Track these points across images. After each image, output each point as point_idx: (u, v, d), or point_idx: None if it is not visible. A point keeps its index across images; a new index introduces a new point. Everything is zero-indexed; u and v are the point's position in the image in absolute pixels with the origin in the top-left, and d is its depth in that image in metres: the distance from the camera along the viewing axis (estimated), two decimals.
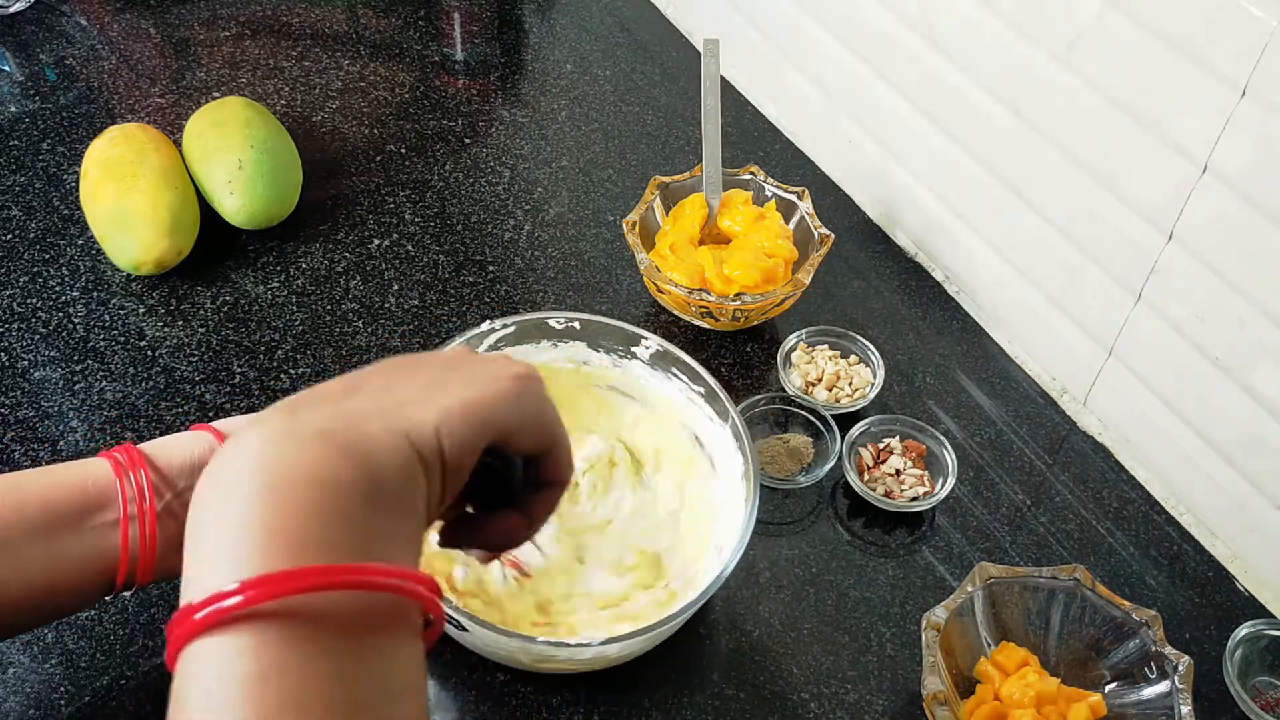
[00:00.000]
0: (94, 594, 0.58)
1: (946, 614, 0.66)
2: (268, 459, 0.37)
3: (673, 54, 1.16)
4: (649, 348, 0.75)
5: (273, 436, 0.38)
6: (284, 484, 0.36)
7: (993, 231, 0.88)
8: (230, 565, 0.35)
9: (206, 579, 0.35)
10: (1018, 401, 0.87)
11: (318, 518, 0.36)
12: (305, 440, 0.38)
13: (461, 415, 0.42)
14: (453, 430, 0.42)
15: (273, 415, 0.40)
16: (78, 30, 1.11)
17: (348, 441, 0.38)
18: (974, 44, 0.83)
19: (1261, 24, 0.63)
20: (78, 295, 0.87)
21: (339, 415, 0.40)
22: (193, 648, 0.35)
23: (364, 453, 0.39)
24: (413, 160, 1.01)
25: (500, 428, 0.44)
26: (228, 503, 0.37)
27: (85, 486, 0.56)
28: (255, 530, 0.36)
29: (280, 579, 0.34)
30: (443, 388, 0.43)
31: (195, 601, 0.35)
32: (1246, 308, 0.70)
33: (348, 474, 0.38)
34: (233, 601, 0.34)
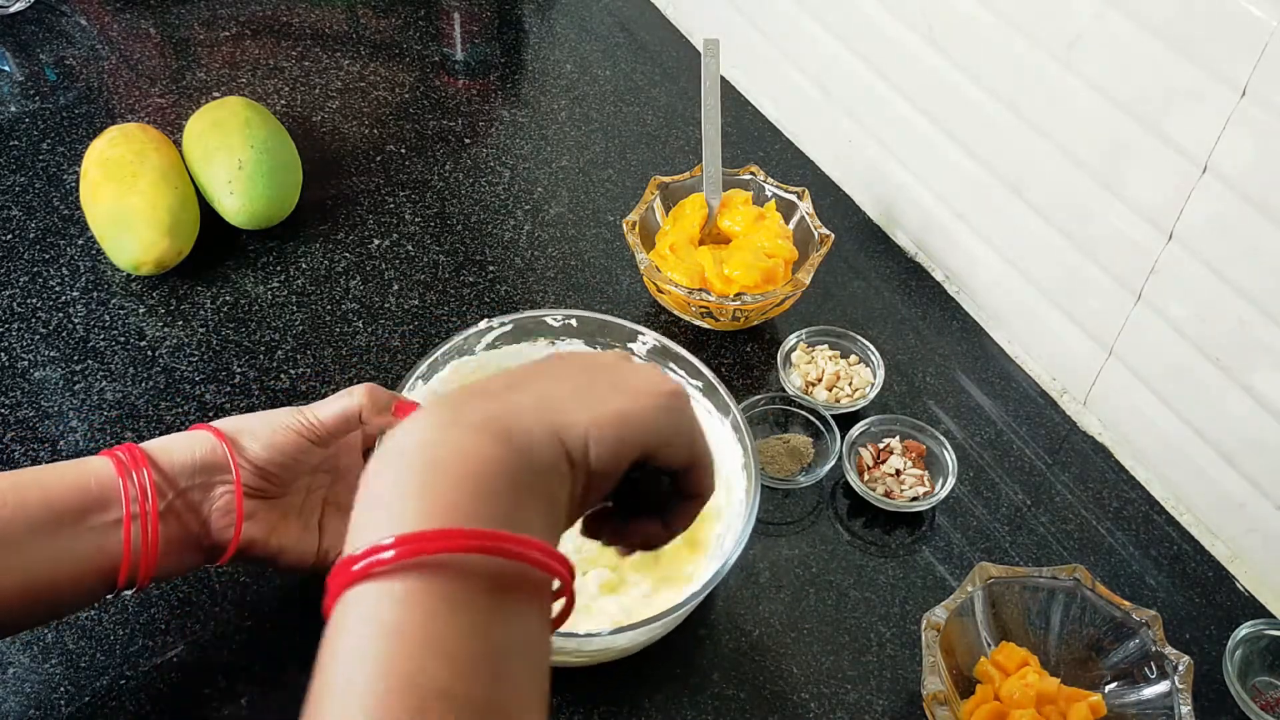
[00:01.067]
0: (95, 593, 0.58)
1: (946, 614, 0.66)
2: (431, 439, 0.41)
3: (673, 54, 1.16)
4: (646, 343, 0.75)
5: (438, 423, 0.42)
6: (444, 461, 0.40)
7: (993, 231, 0.88)
8: (389, 524, 0.38)
9: (367, 534, 0.39)
10: (1018, 401, 0.87)
11: (470, 491, 0.40)
12: (467, 427, 0.42)
13: (613, 426, 0.45)
14: (602, 438, 0.44)
15: (439, 406, 0.43)
16: (78, 30, 1.11)
17: (504, 429, 0.42)
18: (974, 44, 0.83)
19: (1261, 24, 0.63)
20: (78, 295, 0.87)
21: (498, 408, 0.43)
22: (348, 594, 0.38)
23: (518, 442, 0.42)
24: (413, 160, 1.01)
25: (648, 442, 0.47)
26: (390, 476, 0.40)
27: (88, 485, 0.57)
28: (413, 496, 0.39)
29: (431, 537, 0.38)
30: (598, 396, 0.46)
31: (357, 552, 0.38)
32: (1246, 308, 0.70)
33: (501, 456, 0.41)
34: (388, 555, 0.37)
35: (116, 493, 0.57)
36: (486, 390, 0.45)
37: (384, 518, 0.39)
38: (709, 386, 0.73)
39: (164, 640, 0.68)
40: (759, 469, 0.69)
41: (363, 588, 0.38)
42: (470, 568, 0.38)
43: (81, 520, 0.56)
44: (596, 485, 0.45)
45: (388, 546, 0.38)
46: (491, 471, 0.40)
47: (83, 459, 0.58)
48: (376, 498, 0.41)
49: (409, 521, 0.38)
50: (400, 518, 0.39)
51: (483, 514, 0.39)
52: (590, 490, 0.45)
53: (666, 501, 0.51)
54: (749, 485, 0.68)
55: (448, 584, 0.38)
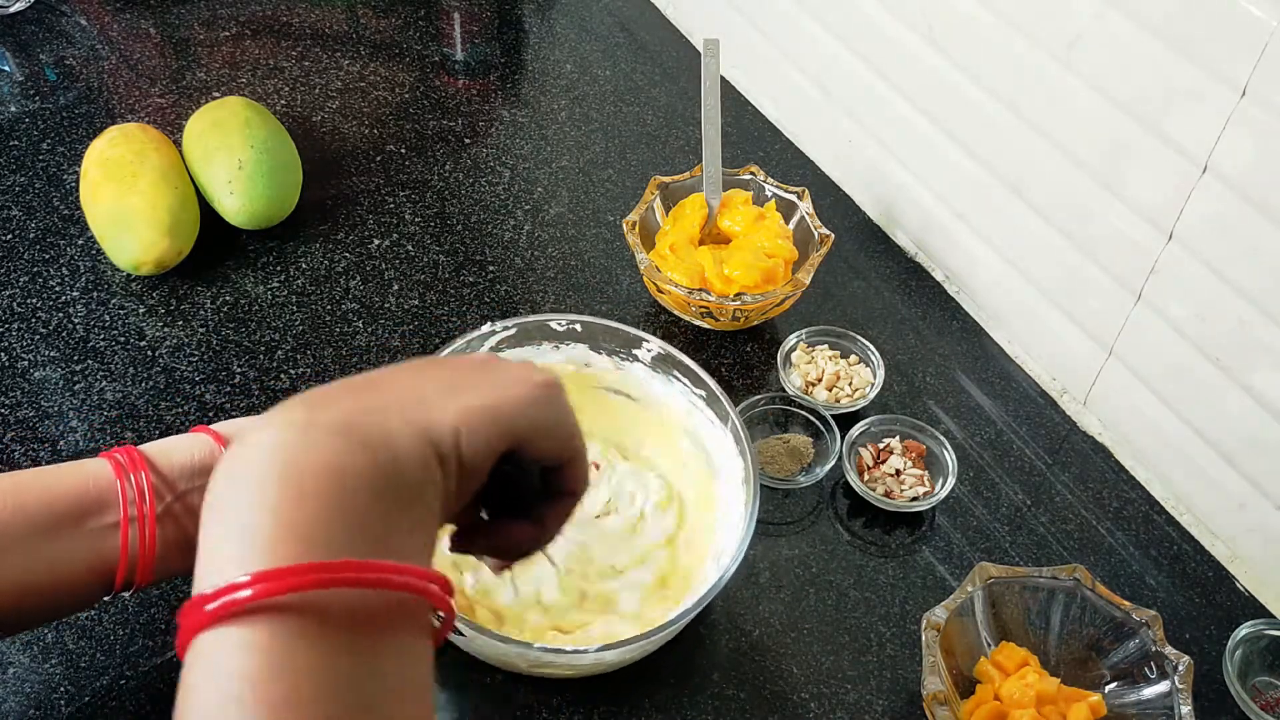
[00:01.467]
0: (93, 595, 0.58)
1: (946, 614, 0.66)
2: (285, 450, 0.37)
3: (673, 54, 1.16)
4: (650, 350, 0.75)
5: (291, 427, 0.38)
6: (300, 475, 0.36)
7: (993, 231, 0.88)
8: (243, 556, 0.35)
9: (220, 569, 0.35)
10: (1018, 401, 0.87)
11: (333, 511, 0.36)
12: (323, 432, 0.38)
13: (482, 416, 0.42)
14: (472, 430, 0.42)
15: (292, 407, 0.40)
16: (78, 30, 1.11)
17: (366, 435, 0.38)
18: (974, 44, 0.83)
19: (1261, 24, 0.63)
20: (78, 295, 0.87)
21: (358, 409, 0.40)
22: (203, 638, 0.35)
23: (382, 446, 0.39)
24: (413, 160, 1.01)
25: (520, 433, 0.44)
26: (244, 493, 0.36)
27: (86, 487, 0.56)
28: (269, 522, 0.35)
29: (292, 573, 0.34)
30: (465, 389, 0.44)
31: (207, 592, 0.34)
32: (1246, 308, 0.70)
33: (365, 466, 0.37)
34: (244, 595, 0.34)
35: (115, 495, 0.57)
36: (345, 387, 0.42)
37: (236, 547, 0.35)
38: (711, 396, 0.73)
39: (164, 640, 0.68)
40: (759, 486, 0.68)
41: (216, 633, 0.34)
42: (339, 604, 0.35)
43: (80, 522, 0.56)
44: (468, 481, 0.43)
45: (243, 585, 0.34)
46: (354, 484, 0.37)
47: (81, 461, 0.58)
48: (227, 520, 0.37)
49: (265, 552, 0.35)
50: (255, 547, 0.35)
51: (347, 537, 0.36)
52: (464, 483, 0.42)
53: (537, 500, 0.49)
54: (748, 498, 0.67)
55: (313, 625, 0.34)
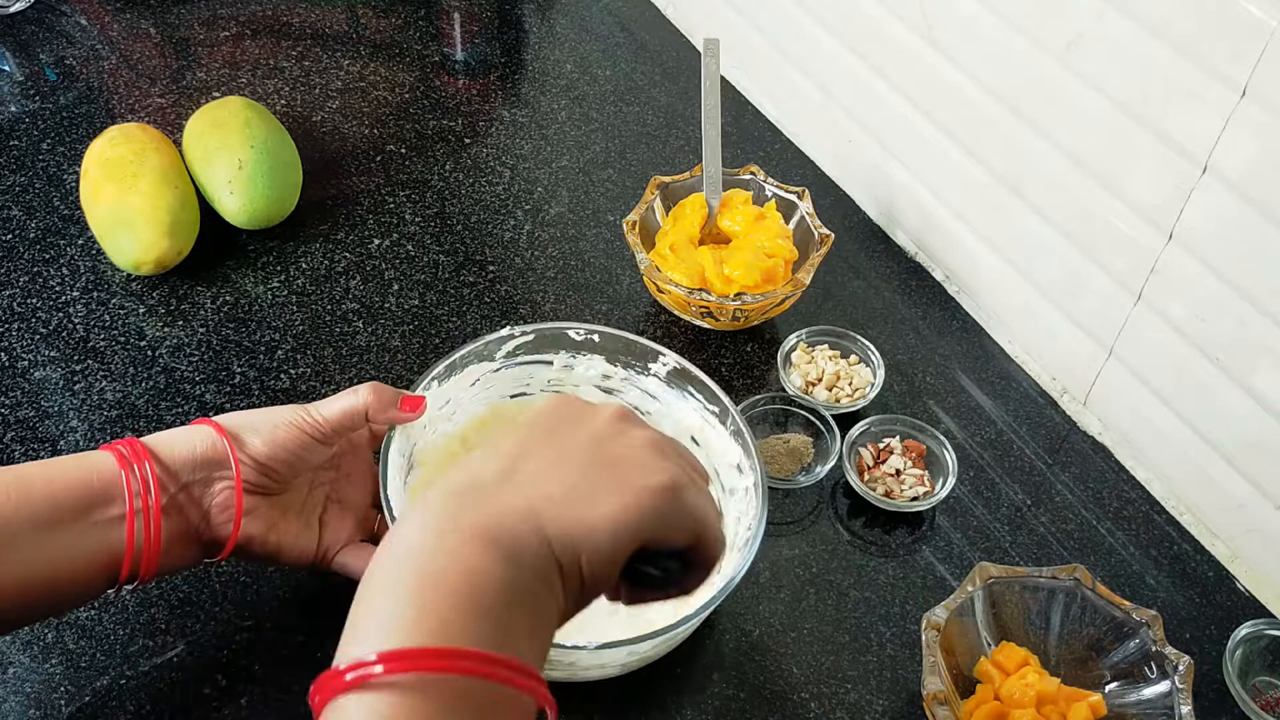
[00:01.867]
0: (97, 588, 0.58)
1: (946, 614, 0.66)
2: (427, 547, 0.42)
3: (673, 54, 1.16)
4: (666, 364, 0.75)
5: (434, 529, 0.43)
6: (437, 573, 0.41)
7: (993, 231, 0.88)
8: (381, 636, 0.40)
9: (360, 643, 0.40)
10: (1018, 401, 0.87)
11: (462, 609, 0.41)
12: (465, 536, 0.43)
13: (605, 535, 0.45)
14: (595, 551, 0.45)
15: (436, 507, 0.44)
16: (78, 30, 1.11)
17: (500, 542, 0.43)
18: (974, 44, 0.83)
19: (1261, 24, 0.63)
20: (78, 295, 0.87)
21: (496, 512, 0.44)
22: (337, 702, 0.39)
23: (513, 555, 0.43)
24: (413, 160, 1.01)
25: (644, 540, 0.47)
26: (389, 581, 0.42)
27: (90, 480, 0.57)
28: (406, 610, 0.40)
29: (419, 655, 0.39)
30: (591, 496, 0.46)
31: (345, 664, 0.39)
32: (1246, 308, 0.70)
33: (494, 572, 0.42)
34: (377, 670, 0.39)
35: (119, 487, 0.57)
36: (479, 483, 0.46)
37: (376, 628, 0.40)
38: (724, 412, 0.72)
39: (164, 640, 0.68)
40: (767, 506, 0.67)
41: (350, 699, 0.39)
42: (454, 688, 0.39)
43: (84, 515, 0.56)
44: (590, 589, 0.46)
45: (376, 661, 0.39)
46: (483, 587, 0.41)
47: (85, 454, 0.58)
48: (371, 606, 0.42)
49: (399, 636, 0.40)
50: (391, 631, 0.40)
51: (471, 631, 0.40)
52: (584, 594, 0.46)
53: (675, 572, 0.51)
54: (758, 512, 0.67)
55: (431, 703, 0.39)
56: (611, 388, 0.78)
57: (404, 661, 0.39)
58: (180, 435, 0.61)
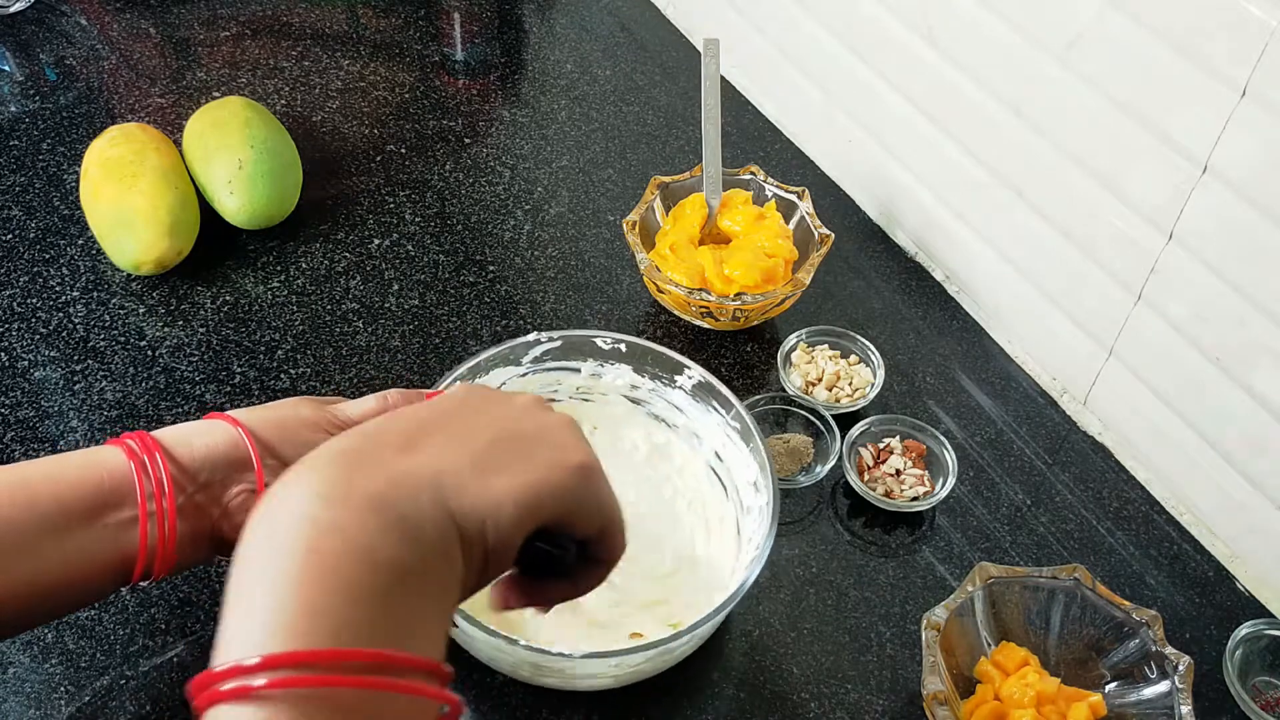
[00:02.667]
0: (107, 589, 0.56)
1: (946, 614, 0.66)
2: (318, 523, 0.38)
3: (673, 54, 1.16)
4: (692, 377, 0.74)
5: (327, 497, 0.39)
6: (330, 556, 0.37)
7: (993, 231, 0.88)
8: (264, 636, 0.36)
9: (240, 643, 0.36)
10: (1018, 401, 0.87)
11: (356, 598, 0.37)
12: (358, 507, 0.39)
13: (511, 506, 0.43)
14: (499, 523, 0.42)
15: (329, 467, 0.40)
16: (78, 30, 1.11)
17: (398, 514, 0.39)
18: (974, 44, 0.83)
19: (1261, 24, 0.63)
20: (78, 295, 0.87)
21: (394, 479, 0.40)
22: (217, 713, 0.36)
23: (412, 529, 0.39)
24: (413, 160, 1.01)
25: (551, 517, 0.45)
26: (272, 566, 0.37)
27: (100, 480, 0.54)
28: (293, 605, 0.36)
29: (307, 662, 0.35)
30: (499, 467, 0.44)
31: (224, 668, 0.36)
32: (1246, 308, 0.70)
33: (394, 552, 0.38)
34: (258, 682, 0.35)
35: (130, 487, 0.54)
36: (379, 446, 0.42)
37: (258, 622, 0.36)
38: (745, 430, 0.72)
39: (164, 640, 0.68)
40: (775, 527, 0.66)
41: (228, 710, 0.35)
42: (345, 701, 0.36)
43: (95, 518, 0.53)
44: (494, 563, 0.43)
45: (256, 669, 0.35)
46: (379, 570, 0.38)
47: (93, 450, 0.56)
48: (250, 594, 0.38)
49: (284, 634, 0.36)
50: (275, 628, 0.36)
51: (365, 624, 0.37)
52: (488, 567, 0.43)
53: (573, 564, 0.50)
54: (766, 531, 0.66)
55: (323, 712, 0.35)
56: (639, 398, 0.78)
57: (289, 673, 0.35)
58: (197, 431, 0.58)
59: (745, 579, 0.64)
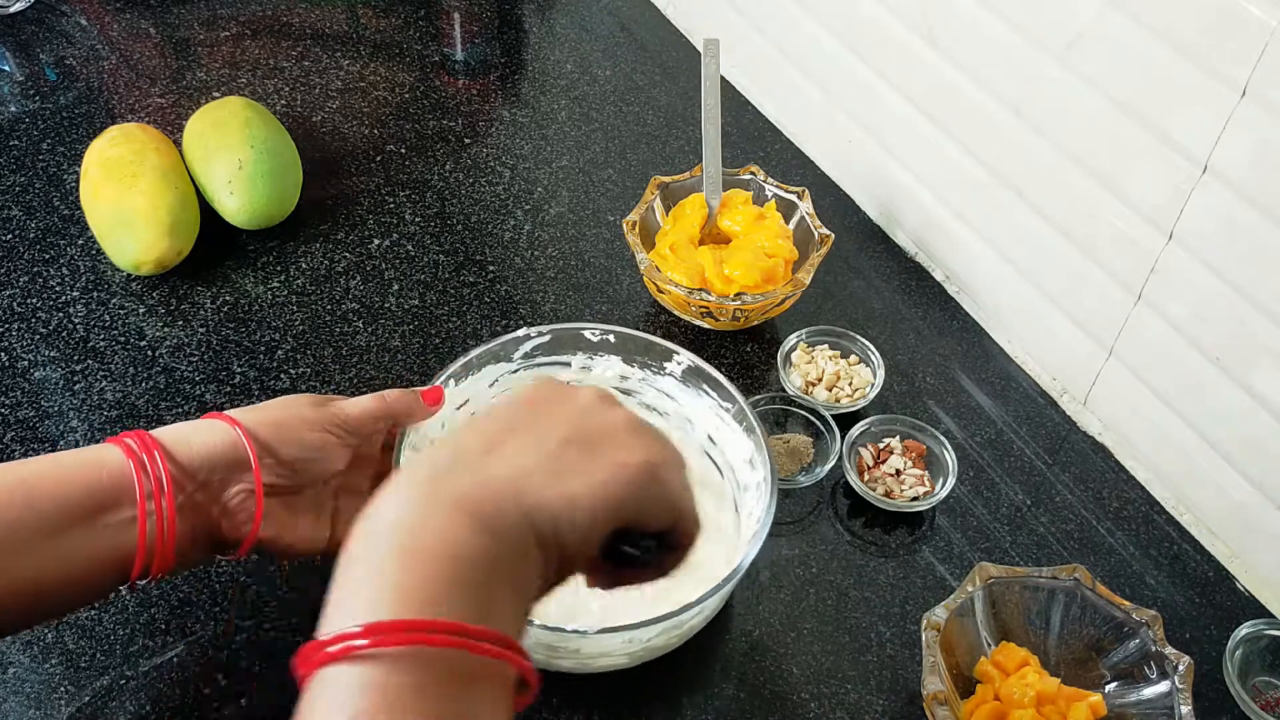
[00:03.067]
0: (106, 588, 0.56)
1: (946, 614, 0.66)
2: (409, 520, 0.42)
3: (673, 54, 1.16)
4: (681, 363, 0.75)
5: (416, 501, 0.43)
6: (420, 549, 0.42)
7: (993, 231, 0.88)
8: (365, 610, 0.40)
9: (344, 616, 0.40)
10: (1018, 401, 0.87)
11: (444, 582, 0.41)
12: (443, 508, 0.43)
13: (584, 509, 0.46)
14: (573, 522, 0.45)
15: (418, 479, 0.44)
16: (78, 30, 1.11)
17: (480, 514, 0.43)
18: (974, 44, 0.83)
19: (1261, 24, 0.63)
20: (78, 295, 0.87)
21: (478, 484, 0.45)
22: (322, 673, 0.40)
23: (493, 528, 0.43)
24: (413, 160, 1.01)
25: (622, 519, 0.47)
26: (372, 555, 0.42)
27: (99, 479, 0.54)
28: (390, 585, 0.41)
29: (402, 627, 0.39)
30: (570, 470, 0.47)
31: (330, 635, 0.39)
32: (1246, 308, 0.70)
33: (475, 545, 0.42)
34: (361, 644, 0.39)
35: (130, 487, 0.54)
36: (462, 457, 0.46)
37: (360, 602, 0.41)
38: (740, 413, 0.72)
39: (164, 640, 0.68)
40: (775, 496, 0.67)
41: (335, 669, 0.39)
42: (437, 660, 0.40)
43: (95, 518, 0.54)
44: (570, 562, 0.46)
45: (361, 634, 0.39)
46: (465, 559, 0.42)
47: (92, 448, 0.56)
48: (354, 580, 0.42)
49: (383, 609, 0.40)
50: (375, 604, 0.40)
51: (453, 603, 0.41)
52: (565, 566, 0.46)
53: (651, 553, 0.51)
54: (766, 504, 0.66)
55: (415, 674, 0.39)
56: (629, 388, 0.78)
57: (388, 634, 0.39)
58: (197, 430, 0.58)
59: (748, 553, 0.64)
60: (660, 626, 0.62)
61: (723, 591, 0.64)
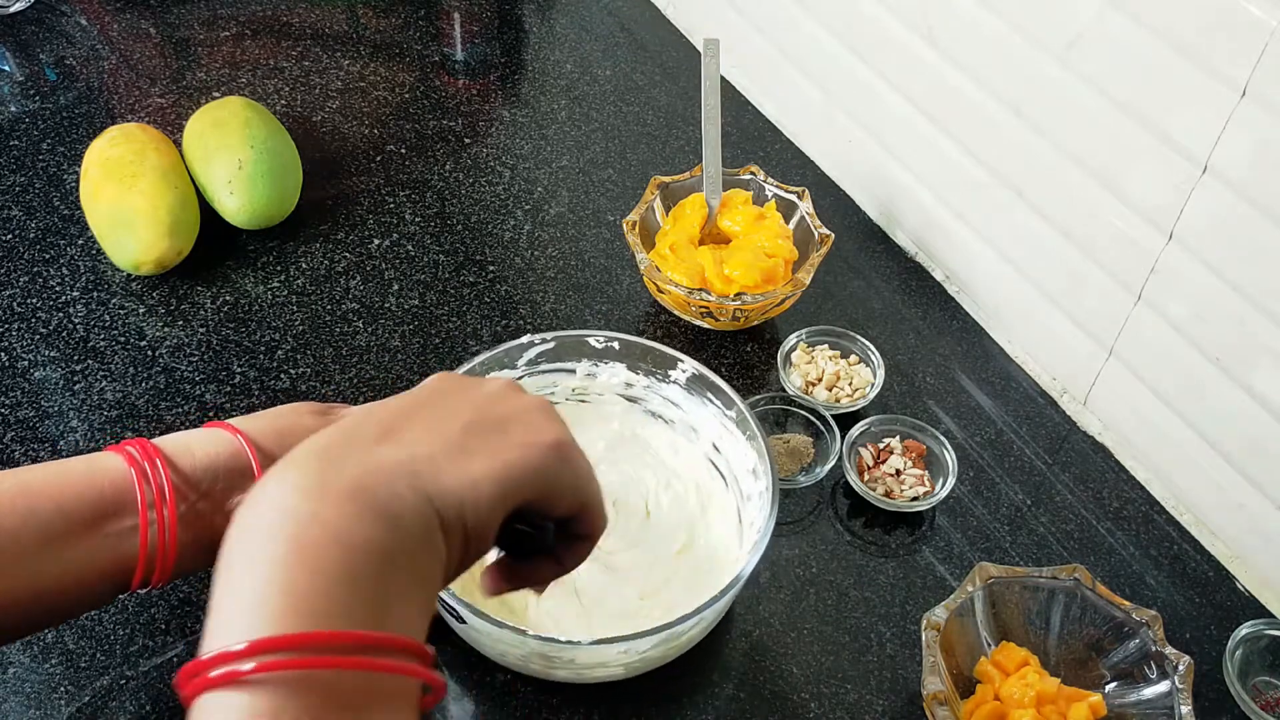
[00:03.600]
0: (107, 596, 0.56)
1: (946, 614, 0.66)
2: (299, 515, 0.39)
3: (673, 54, 1.16)
4: (685, 371, 0.75)
5: (306, 489, 0.40)
6: (311, 545, 0.38)
7: (993, 231, 0.88)
8: (250, 623, 0.37)
9: (226, 631, 0.37)
10: (1018, 401, 0.87)
11: (337, 582, 0.38)
12: (337, 497, 0.39)
13: (487, 487, 0.43)
14: (478, 504, 0.43)
15: (308, 461, 0.41)
16: (78, 30, 1.11)
17: (376, 501, 0.40)
18: (974, 44, 0.83)
19: (1261, 24, 0.63)
20: (78, 295, 0.87)
21: (371, 469, 0.41)
22: (202, 701, 0.36)
23: (391, 515, 0.40)
24: (413, 160, 1.01)
25: (528, 497, 0.45)
26: (256, 558, 0.38)
27: (101, 488, 0.54)
28: (277, 589, 0.37)
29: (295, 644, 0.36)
30: (473, 451, 0.44)
31: (211, 655, 0.36)
32: (1246, 308, 0.70)
33: (371, 538, 0.39)
34: (246, 666, 0.35)
35: (131, 496, 0.54)
36: (356, 439, 0.43)
37: (244, 610, 0.37)
38: (743, 420, 0.72)
39: (164, 640, 0.68)
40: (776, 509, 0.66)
41: (218, 696, 0.36)
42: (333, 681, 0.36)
43: (96, 527, 0.53)
44: (475, 545, 0.44)
45: (244, 654, 0.36)
46: (359, 555, 0.38)
47: (94, 456, 0.55)
48: (236, 584, 0.38)
49: (269, 620, 0.36)
50: (260, 615, 0.37)
51: (347, 607, 0.37)
52: (469, 551, 0.44)
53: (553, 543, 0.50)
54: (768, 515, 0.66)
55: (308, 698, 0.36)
56: (635, 395, 0.78)
57: (275, 656, 0.36)
58: (198, 438, 0.58)
59: (748, 564, 0.64)
60: (657, 638, 0.62)
61: (721, 603, 0.63)
